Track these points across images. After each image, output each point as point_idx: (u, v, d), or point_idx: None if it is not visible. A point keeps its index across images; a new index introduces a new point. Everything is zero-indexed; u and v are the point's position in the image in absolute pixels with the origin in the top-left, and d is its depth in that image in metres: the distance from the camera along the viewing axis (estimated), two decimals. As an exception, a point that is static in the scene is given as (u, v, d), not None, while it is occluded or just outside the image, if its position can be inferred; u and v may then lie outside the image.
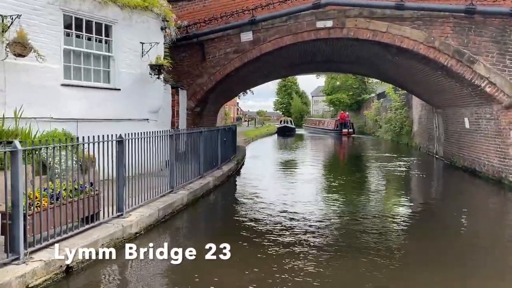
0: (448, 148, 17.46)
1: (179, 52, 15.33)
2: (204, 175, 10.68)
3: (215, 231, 7.53)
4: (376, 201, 10.50)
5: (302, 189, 11.70)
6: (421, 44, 12.18)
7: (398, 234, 7.45)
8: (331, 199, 10.48)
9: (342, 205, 9.83)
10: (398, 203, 10.36)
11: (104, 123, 9.56)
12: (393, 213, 9.02)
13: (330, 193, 11.38)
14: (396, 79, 18.78)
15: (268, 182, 13.10)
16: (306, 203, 9.56)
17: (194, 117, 15.90)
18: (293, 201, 9.80)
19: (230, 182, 12.66)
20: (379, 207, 9.75)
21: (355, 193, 11.40)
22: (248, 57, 14.34)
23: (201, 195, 9.59)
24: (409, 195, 11.79)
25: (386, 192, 11.74)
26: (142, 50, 10.69)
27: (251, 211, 8.83)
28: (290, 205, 9.35)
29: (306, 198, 10.31)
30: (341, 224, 8.02)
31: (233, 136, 16.12)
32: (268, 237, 6.87)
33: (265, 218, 8.14)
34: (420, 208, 9.97)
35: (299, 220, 7.96)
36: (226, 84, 16.47)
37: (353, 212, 9.00)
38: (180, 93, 14.47)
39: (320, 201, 10.24)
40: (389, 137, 33.48)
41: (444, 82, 13.71)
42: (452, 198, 11.48)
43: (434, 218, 8.93)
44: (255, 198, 10.33)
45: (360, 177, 14.48)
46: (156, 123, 11.31)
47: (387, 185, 13.17)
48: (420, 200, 11.21)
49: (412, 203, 10.54)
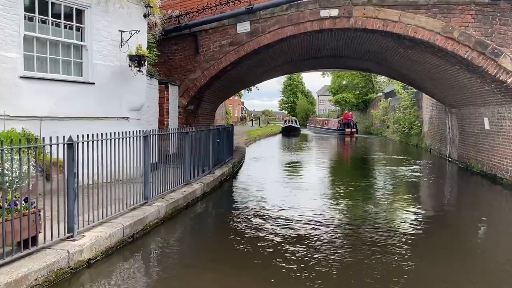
0: (464, 151, 16.05)
1: (170, 44, 14.11)
2: (191, 181, 9.40)
3: (197, 254, 6.20)
4: (385, 211, 9.15)
5: (305, 198, 10.32)
6: (438, 35, 10.82)
7: (409, 251, 6.12)
8: (338, 209, 9.15)
9: (350, 216, 8.51)
10: (410, 213, 9.05)
11: (74, 122, 8.36)
12: (403, 226, 7.68)
13: (336, 202, 10.04)
14: (407, 76, 17.38)
15: (267, 188, 11.79)
16: (311, 218, 8.23)
17: (187, 116, 14.64)
18: (295, 212, 8.50)
19: (223, 188, 11.37)
20: (388, 219, 8.40)
21: (363, 202, 10.05)
22: (245, 50, 13.05)
23: (184, 205, 8.31)
24: (421, 204, 10.41)
25: (396, 201, 10.39)
26: (121, 39, 9.43)
27: (245, 226, 7.52)
28: (292, 219, 8.03)
29: (310, 208, 8.99)
30: (350, 241, 6.70)
31: (229, 137, 14.83)
32: (265, 263, 5.59)
33: (263, 237, 6.83)
34: (434, 219, 8.64)
35: (304, 241, 6.65)
36: (223, 80, 15.20)
37: (361, 225, 7.69)
38: (171, 89, 13.21)
39: (325, 211, 8.90)
40: (397, 138, 32.05)
41: (462, 78, 12.32)
42: (469, 208, 10.12)
43: (449, 231, 7.61)
44: (251, 208, 9.03)
45: (368, 183, 13.10)
46: (138, 122, 10.07)
47: (397, 192, 11.81)
48: (434, 209, 9.85)
49: (424, 213, 9.19)
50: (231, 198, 10.51)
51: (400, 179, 13.75)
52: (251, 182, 13.02)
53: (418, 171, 15.67)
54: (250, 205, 9.38)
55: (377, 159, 20.77)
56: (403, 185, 13.00)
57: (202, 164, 10.65)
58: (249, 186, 12.08)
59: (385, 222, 8.06)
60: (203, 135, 10.80)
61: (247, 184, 12.51)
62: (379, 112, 42.11)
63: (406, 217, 8.52)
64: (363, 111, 55.99)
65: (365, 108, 54.91)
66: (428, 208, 10.05)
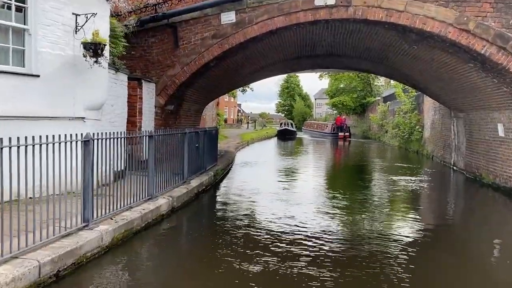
0: (472, 159, 14.57)
1: (147, 37, 12.59)
2: (156, 195, 7.85)
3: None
4: (387, 230, 7.67)
5: (301, 216, 8.75)
6: (450, 27, 9.35)
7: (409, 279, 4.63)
8: (333, 228, 7.63)
9: (347, 237, 7.00)
10: (412, 231, 7.60)
11: (11, 123, 6.81)
12: (405, 248, 6.19)
13: (331, 217, 8.51)
14: (410, 77, 15.92)
15: (253, 201, 10.25)
16: (304, 241, 6.71)
17: (166, 117, 13.10)
18: (285, 231, 6.99)
19: (200, 202, 9.82)
20: (390, 239, 6.91)
21: (359, 222, 8.54)
22: (230, 43, 11.53)
23: (143, 226, 6.76)
24: (424, 223, 8.85)
25: (396, 219, 8.90)
26: (76, 25, 7.90)
27: (219, 256, 5.98)
28: (281, 241, 6.51)
29: (303, 225, 7.48)
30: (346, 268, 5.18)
31: (213, 141, 13.29)
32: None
33: (245, 277, 5.30)
34: (439, 240, 7.20)
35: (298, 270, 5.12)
36: (207, 78, 13.68)
37: (359, 250, 6.18)
38: (145, 86, 11.68)
39: (320, 229, 7.38)
40: (396, 143, 30.57)
41: (475, 78, 10.85)
42: (480, 227, 8.66)
43: (455, 257, 6.19)
44: (229, 230, 7.51)
45: (366, 196, 11.57)
46: (97, 124, 8.51)
47: (397, 208, 10.32)
48: (438, 229, 8.35)
49: (428, 232, 7.72)
50: (206, 216, 8.94)
51: (401, 192, 12.21)
52: (235, 193, 11.47)
53: (421, 181, 14.14)
54: (228, 226, 7.83)
55: (375, 167, 19.23)
56: (404, 198, 11.47)
57: (174, 173, 9.12)
58: (232, 199, 10.54)
59: (382, 246, 6.55)
60: (176, 139, 9.27)
61: (230, 197, 10.97)
62: (377, 116, 40.72)
63: (411, 233, 7.03)
64: (361, 115, 54.57)
65: (363, 112, 53.49)
66: (431, 227, 8.52)
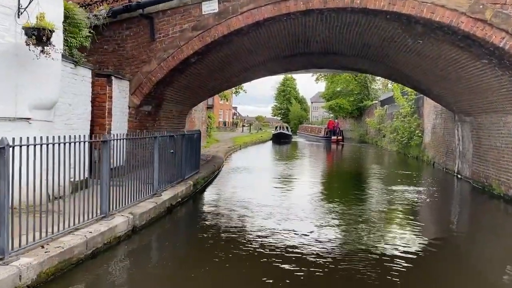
0: (480, 168, 13.30)
1: (120, 29, 11.28)
2: (113, 212, 6.52)
3: None
4: (389, 252, 6.37)
5: (293, 236, 7.43)
6: (463, 16, 8.09)
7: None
8: (329, 253, 6.32)
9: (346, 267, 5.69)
10: (416, 251, 6.32)
11: None
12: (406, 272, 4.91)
13: (328, 235, 7.20)
14: (411, 77, 14.66)
15: (239, 215, 8.91)
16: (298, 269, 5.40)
17: (142, 119, 11.78)
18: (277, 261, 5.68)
19: (173, 217, 8.47)
20: (391, 263, 5.62)
21: (357, 242, 7.23)
22: (212, 36, 10.25)
23: (88, 254, 5.41)
24: (430, 242, 7.58)
25: (401, 237, 7.60)
26: (19, 7, 6.58)
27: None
28: (274, 273, 5.20)
29: (298, 244, 6.17)
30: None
31: (194, 146, 11.94)
32: None
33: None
34: (449, 261, 5.93)
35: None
36: (189, 76, 12.38)
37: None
38: (116, 84, 10.35)
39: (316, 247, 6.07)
40: (394, 148, 29.31)
41: (488, 76, 9.60)
42: (492, 247, 7.39)
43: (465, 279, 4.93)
44: (205, 253, 6.19)
45: (364, 210, 10.25)
46: (48, 126, 7.19)
47: (400, 224, 9.02)
48: (448, 248, 7.09)
49: (434, 257, 6.43)
50: (176, 236, 7.54)
51: (402, 205, 10.86)
52: (217, 206, 10.14)
53: (423, 192, 12.79)
54: (204, 251, 6.51)
55: (373, 175, 17.86)
56: (407, 213, 10.14)
57: (142, 184, 7.79)
58: (212, 213, 9.18)
59: (392, 265, 5.23)
60: (144, 144, 7.95)
61: (210, 210, 9.62)
62: (374, 120, 39.53)
63: (414, 251, 5.72)
64: (358, 118, 53.43)
65: (360, 116, 52.36)
66: (439, 247, 7.22)
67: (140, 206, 7.30)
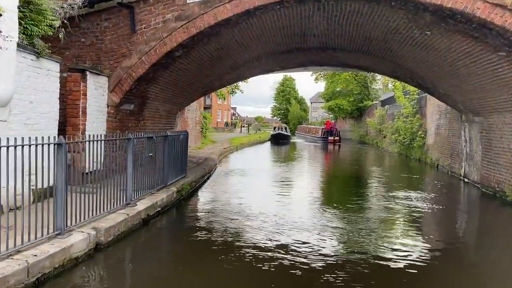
0: (490, 172, 12.31)
1: (99, 20, 10.32)
2: (70, 228, 5.52)
3: None
4: (396, 263, 5.39)
5: (283, 251, 6.48)
6: (479, 1, 7.11)
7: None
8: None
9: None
10: (423, 265, 5.33)
11: None
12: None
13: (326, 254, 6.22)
14: (416, 74, 13.67)
15: (226, 227, 7.91)
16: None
17: (123, 119, 10.80)
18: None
19: (150, 229, 7.45)
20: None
21: (358, 260, 6.25)
22: (197, 27, 9.27)
23: (30, 283, 4.42)
24: (437, 251, 6.61)
25: (406, 249, 6.62)
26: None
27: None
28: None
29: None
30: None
31: (180, 149, 10.94)
32: None
33: None
34: (457, 277, 4.95)
35: None
36: (176, 72, 11.40)
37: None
38: (92, 80, 9.37)
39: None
40: (395, 150, 28.30)
41: (505, 71, 8.61)
42: (507, 259, 6.42)
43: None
44: (184, 278, 5.20)
45: (367, 221, 9.23)
46: (2, 126, 6.20)
47: (404, 233, 8.03)
48: (455, 260, 6.11)
49: (442, 267, 5.44)
50: (151, 256, 6.40)
51: (406, 212, 9.90)
52: (203, 216, 9.12)
53: (429, 198, 11.76)
54: (179, 278, 5.52)
55: (375, 180, 16.72)
56: (413, 223, 9.16)
57: (112, 193, 6.79)
58: (197, 225, 8.16)
59: None
60: (115, 147, 6.96)
61: (195, 222, 8.59)
62: (375, 120, 38.58)
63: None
64: (358, 119, 52.46)
65: (360, 116, 51.40)
66: (447, 261, 6.24)
67: (108, 219, 6.30)
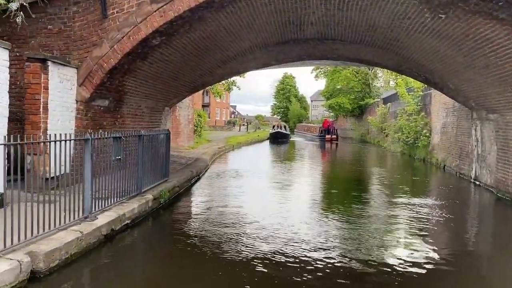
0: (508, 175, 11.09)
1: (67, 4, 9.10)
2: (5, 249, 4.33)
3: None
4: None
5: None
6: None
7: None
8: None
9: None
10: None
11: None
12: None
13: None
14: (424, 67, 12.43)
15: (211, 243, 6.70)
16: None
17: (96, 117, 9.58)
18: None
19: (113, 248, 6.23)
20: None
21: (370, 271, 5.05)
22: (175, 10, 8.04)
23: None
24: (451, 265, 5.41)
25: (416, 264, 5.42)
26: None
27: None
28: None
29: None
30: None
31: (160, 150, 9.72)
32: None
33: None
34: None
35: None
36: (156, 63, 10.18)
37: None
38: (56, 71, 8.16)
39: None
40: (398, 149, 27.08)
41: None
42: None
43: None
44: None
45: (370, 233, 8.05)
46: None
47: (412, 247, 6.82)
48: (470, 275, 4.92)
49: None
50: (107, 286, 5.25)
51: (414, 220, 8.69)
52: (182, 226, 7.92)
53: (437, 204, 10.54)
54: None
55: (377, 183, 15.39)
56: (420, 229, 7.95)
57: (68, 204, 5.59)
58: (174, 239, 6.98)
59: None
60: (74, 149, 5.74)
61: (171, 234, 7.41)
62: (376, 119, 37.37)
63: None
64: (359, 117, 51.26)
65: (361, 114, 50.21)
66: (462, 277, 5.05)
67: (52, 239, 5.09)
